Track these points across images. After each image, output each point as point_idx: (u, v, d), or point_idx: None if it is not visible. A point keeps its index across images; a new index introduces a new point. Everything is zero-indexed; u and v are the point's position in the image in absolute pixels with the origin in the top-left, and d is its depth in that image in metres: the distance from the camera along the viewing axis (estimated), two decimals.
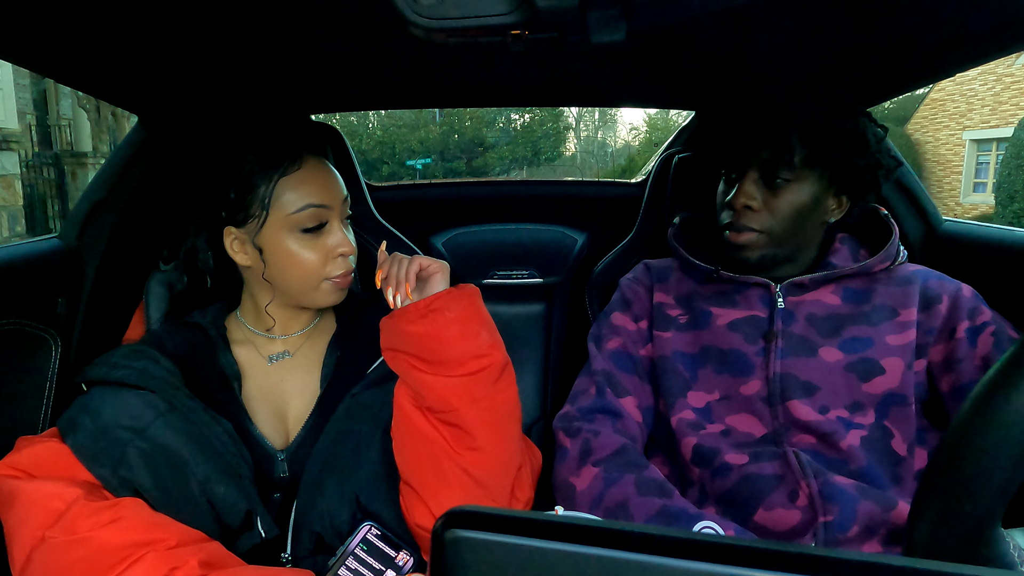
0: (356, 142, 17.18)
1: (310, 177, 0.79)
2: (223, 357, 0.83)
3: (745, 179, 0.89)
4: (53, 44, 0.76)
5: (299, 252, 0.79)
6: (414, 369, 0.73)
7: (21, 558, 0.63)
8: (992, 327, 0.84)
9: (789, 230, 0.89)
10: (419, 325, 0.73)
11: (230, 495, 0.71)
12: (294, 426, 0.82)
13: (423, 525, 0.73)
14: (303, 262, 0.79)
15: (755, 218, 0.89)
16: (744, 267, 0.93)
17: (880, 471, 0.81)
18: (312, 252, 0.79)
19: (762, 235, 0.89)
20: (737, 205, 0.89)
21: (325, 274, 0.80)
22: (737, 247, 0.90)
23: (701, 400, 0.90)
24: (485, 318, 0.78)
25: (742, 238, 0.89)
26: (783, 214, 0.88)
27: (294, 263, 0.79)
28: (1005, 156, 10.20)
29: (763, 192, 0.89)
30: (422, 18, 0.43)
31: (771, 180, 0.88)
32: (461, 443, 0.73)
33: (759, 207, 0.88)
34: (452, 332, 0.72)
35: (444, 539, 0.26)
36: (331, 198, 0.80)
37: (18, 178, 8.52)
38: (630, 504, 0.78)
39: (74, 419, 0.70)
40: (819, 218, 0.91)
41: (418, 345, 0.73)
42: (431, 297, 0.74)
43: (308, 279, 0.80)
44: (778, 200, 0.88)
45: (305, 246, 0.79)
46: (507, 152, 18.52)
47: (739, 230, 0.90)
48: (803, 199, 0.88)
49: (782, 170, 0.87)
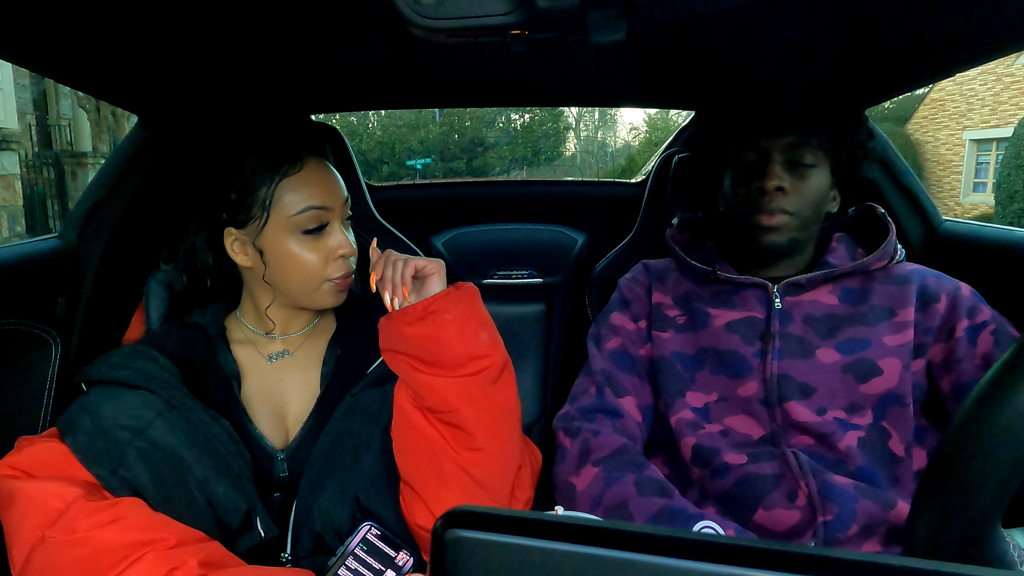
0: (356, 142, 17.18)
1: (311, 178, 0.79)
2: (222, 356, 0.83)
3: (771, 163, 0.89)
4: (53, 44, 0.75)
5: (300, 254, 0.78)
6: (413, 370, 0.73)
7: (20, 558, 0.63)
8: (992, 326, 0.83)
9: (813, 214, 0.90)
10: (418, 327, 0.72)
11: (229, 495, 0.71)
12: (294, 426, 0.82)
13: (423, 525, 0.73)
14: (304, 263, 0.79)
15: (786, 200, 0.89)
16: (755, 261, 0.94)
17: (878, 472, 0.81)
18: (313, 254, 0.79)
19: (793, 217, 0.89)
20: (769, 187, 0.88)
21: (326, 275, 0.80)
22: (768, 229, 0.89)
23: (699, 401, 0.90)
24: (484, 318, 0.77)
25: (775, 220, 0.88)
26: (810, 198, 0.89)
27: (295, 265, 0.79)
28: (1005, 156, 10.20)
29: (789, 176, 0.89)
30: (422, 18, 0.43)
31: (795, 165, 0.89)
32: (461, 443, 0.73)
33: (789, 189, 0.89)
34: (451, 333, 0.72)
35: (444, 539, 0.26)
36: (332, 200, 0.80)
37: (18, 178, 8.51)
38: (630, 504, 0.78)
39: (74, 419, 0.70)
40: (824, 207, 0.93)
41: (417, 346, 0.73)
42: (429, 299, 0.73)
43: (309, 281, 0.80)
44: (804, 183, 0.89)
45: (306, 248, 0.79)
46: (507, 152, 18.52)
47: (771, 212, 0.89)
48: (823, 184, 0.90)
49: (807, 154, 0.89)
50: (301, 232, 0.78)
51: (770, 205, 0.89)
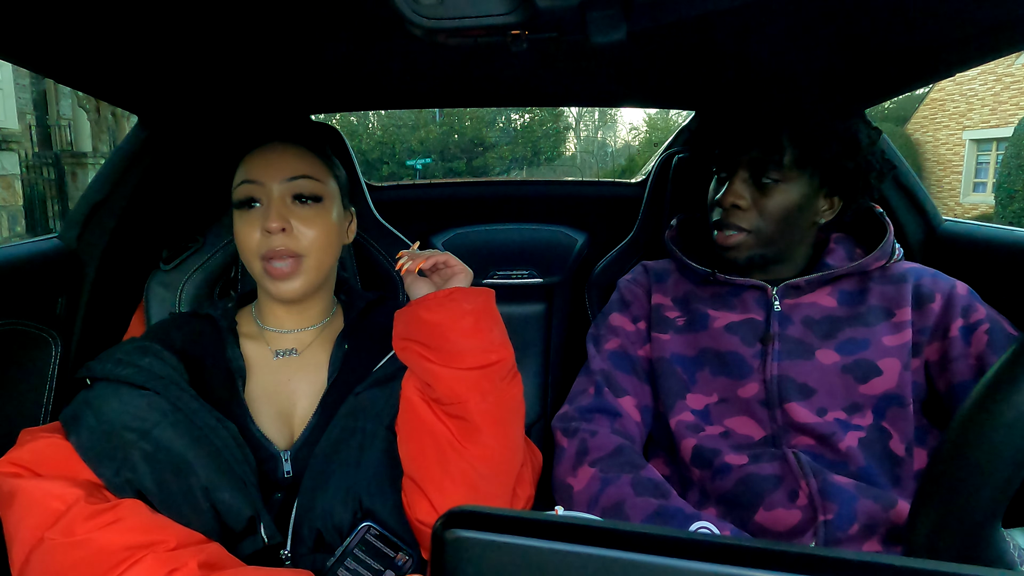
0: (356, 142, 17.18)
1: (259, 155, 0.82)
2: (230, 350, 0.83)
3: (735, 178, 0.89)
4: (53, 44, 0.75)
5: (237, 230, 0.81)
6: (425, 360, 0.74)
7: (20, 558, 0.63)
8: (986, 325, 0.83)
9: (777, 230, 0.89)
10: (436, 313, 0.74)
11: (234, 500, 0.70)
12: (299, 425, 0.82)
13: (425, 521, 0.73)
14: (240, 242, 0.81)
15: (743, 217, 0.89)
16: (736, 268, 0.93)
17: (879, 472, 0.81)
18: (243, 227, 0.81)
19: (750, 235, 0.89)
20: (725, 204, 0.89)
21: (256, 251, 0.80)
22: (725, 247, 0.90)
23: (700, 402, 0.90)
24: (498, 318, 0.79)
25: (730, 239, 0.90)
26: (771, 214, 0.88)
27: (238, 243, 0.82)
28: (1005, 156, 10.21)
29: (752, 192, 0.89)
30: (422, 18, 0.43)
31: (760, 180, 0.88)
32: (467, 436, 0.73)
33: (747, 206, 0.88)
34: (466, 324, 0.74)
35: (444, 539, 0.26)
36: (265, 175, 0.81)
37: (18, 178, 8.51)
38: (626, 504, 0.78)
39: (78, 415, 0.70)
40: (809, 219, 0.91)
41: (432, 334, 0.74)
42: (450, 288, 0.76)
43: (248, 259, 0.82)
44: (767, 200, 0.88)
45: (239, 222, 0.81)
46: (507, 152, 18.52)
47: (727, 230, 0.90)
48: (792, 200, 0.88)
49: (771, 170, 0.87)
50: (235, 206, 0.82)
51: (726, 221, 0.90)
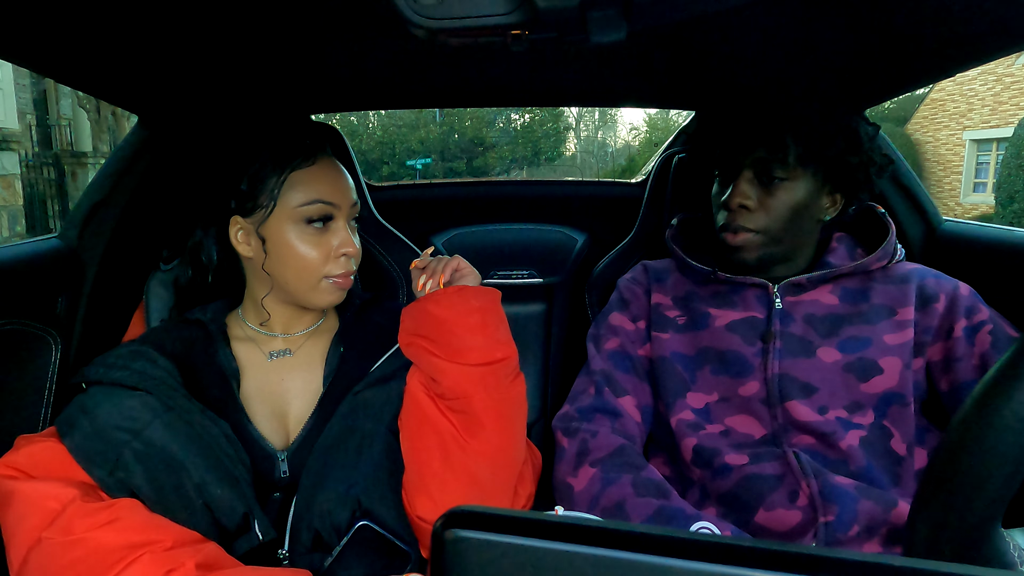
0: (356, 142, 17.18)
1: (321, 173, 0.80)
2: (222, 354, 0.83)
3: (740, 179, 0.89)
4: (53, 44, 0.75)
5: (299, 246, 0.79)
6: (431, 355, 0.75)
7: (18, 559, 0.63)
8: (989, 326, 0.84)
9: (785, 229, 0.89)
10: (444, 308, 0.76)
11: (227, 498, 0.70)
12: (295, 426, 0.82)
13: (425, 518, 0.73)
14: (303, 256, 0.79)
15: (751, 218, 0.89)
16: (742, 268, 0.93)
17: (880, 471, 0.81)
18: (313, 248, 0.79)
19: (759, 235, 0.89)
20: (733, 205, 0.89)
21: (324, 272, 0.80)
22: (735, 248, 0.90)
23: (700, 401, 0.90)
24: (503, 318, 0.81)
25: (739, 239, 0.89)
26: (779, 213, 0.88)
27: (293, 256, 0.79)
28: (1005, 156, 10.20)
29: (758, 191, 0.89)
30: (422, 18, 0.43)
31: (766, 179, 0.88)
32: (470, 432, 0.74)
33: (755, 206, 0.88)
34: (474, 320, 0.76)
35: (444, 539, 0.26)
36: (339, 197, 0.81)
37: (18, 178, 8.51)
38: (627, 504, 0.78)
39: (72, 419, 0.70)
40: (814, 216, 0.91)
41: (439, 329, 0.75)
42: (459, 285, 0.78)
43: (307, 275, 0.80)
44: (773, 199, 0.88)
45: (306, 240, 0.79)
46: (507, 152, 18.53)
47: (736, 231, 0.90)
48: (798, 197, 0.88)
49: (776, 169, 0.87)
50: (304, 222, 0.79)
51: (734, 224, 0.89)
